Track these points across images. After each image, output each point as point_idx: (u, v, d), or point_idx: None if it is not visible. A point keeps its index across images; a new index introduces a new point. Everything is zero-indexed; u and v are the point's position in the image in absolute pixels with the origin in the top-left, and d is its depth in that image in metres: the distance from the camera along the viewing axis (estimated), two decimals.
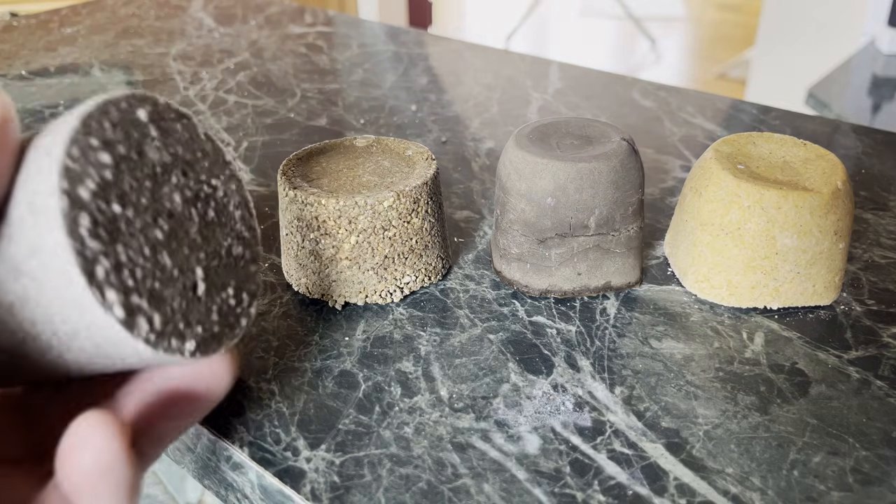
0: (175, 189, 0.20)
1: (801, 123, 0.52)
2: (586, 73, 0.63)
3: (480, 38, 2.90)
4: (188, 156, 0.20)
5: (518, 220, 0.32)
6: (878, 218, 0.39)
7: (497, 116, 0.54)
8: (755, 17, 1.98)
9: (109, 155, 0.18)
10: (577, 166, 0.30)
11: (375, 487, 0.24)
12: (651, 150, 0.48)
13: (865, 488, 0.23)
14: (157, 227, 0.19)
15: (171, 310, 0.18)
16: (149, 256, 0.18)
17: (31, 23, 0.78)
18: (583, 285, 0.32)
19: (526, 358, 0.29)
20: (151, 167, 0.19)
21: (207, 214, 0.21)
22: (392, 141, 0.36)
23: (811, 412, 0.26)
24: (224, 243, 0.21)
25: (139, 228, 0.18)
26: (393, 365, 0.29)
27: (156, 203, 0.19)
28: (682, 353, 0.29)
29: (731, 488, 0.23)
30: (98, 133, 0.18)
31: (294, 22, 0.80)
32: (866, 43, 1.24)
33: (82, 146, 0.17)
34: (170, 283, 0.18)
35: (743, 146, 0.34)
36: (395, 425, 0.26)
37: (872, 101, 1.05)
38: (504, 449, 0.25)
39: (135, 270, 0.18)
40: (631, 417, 0.26)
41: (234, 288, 0.21)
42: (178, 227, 0.19)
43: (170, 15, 0.82)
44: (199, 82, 0.61)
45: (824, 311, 0.32)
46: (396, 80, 0.62)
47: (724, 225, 0.31)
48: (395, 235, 0.31)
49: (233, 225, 0.22)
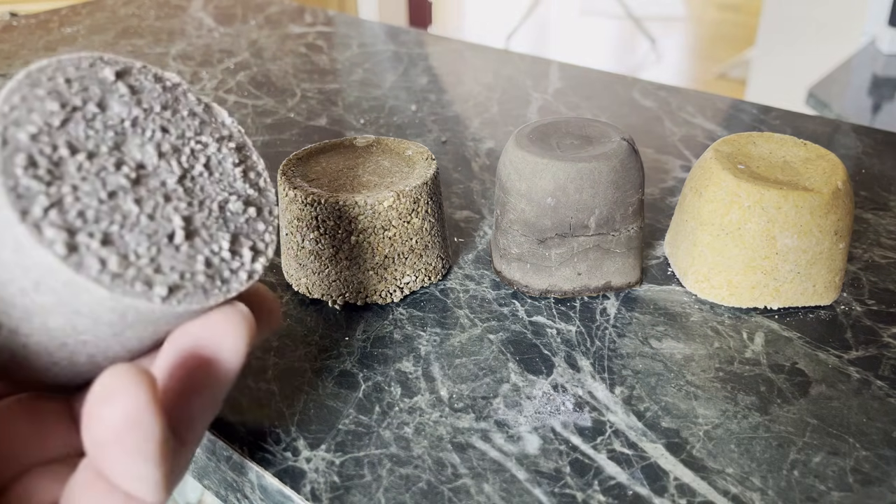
0: (148, 141, 0.19)
1: (802, 123, 0.52)
2: (586, 72, 0.63)
3: (480, 38, 2.90)
4: (168, 114, 0.20)
5: (518, 220, 0.32)
6: (879, 218, 0.39)
7: (497, 116, 0.54)
8: (755, 16, 1.98)
9: (58, 104, 0.18)
10: (578, 166, 0.30)
11: (375, 487, 0.24)
12: (651, 149, 0.48)
13: (866, 488, 0.23)
14: (118, 174, 0.18)
15: (135, 254, 0.18)
16: (105, 200, 0.18)
17: (30, 22, 0.78)
18: (583, 285, 0.32)
19: (526, 358, 0.29)
20: (118, 120, 0.19)
21: (193, 168, 0.20)
22: (392, 141, 0.36)
23: (811, 412, 0.26)
24: (217, 198, 0.20)
25: (94, 173, 0.18)
26: (393, 365, 0.29)
27: (119, 152, 0.19)
28: (683, 353, 0.29)
29: (731, 488, 0.23)
30: (45, 85, 0.18)
31: (294, 22, 0.80)
32: (866, 43, 1.24)
33: (24, 94, 0.17)
34: (133, 228, 0.18)
35: (743, 146, 0.34)
36: (395, 425, 0.26)
37: (873, 100, 1.05)
38: (504, 449, 0.25)
39: (85, 212, 0.17)
40: (631, 417, 0.26)
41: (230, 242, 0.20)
42: (151, 176, 0.19)
43: (170, 15, 0.82)
44: (199, 82, 0.61)
45: (824, 311, 0.32)
46: (396, 80, 0.62)
47: (724, 225, 0.31)
48: (395, 235, 0.31)
49: (230, 181, 0.21)
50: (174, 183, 0.19)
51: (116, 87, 0.19)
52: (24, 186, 0.16)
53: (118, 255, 0.17)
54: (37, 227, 0.16)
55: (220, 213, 0.20)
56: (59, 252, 0.16)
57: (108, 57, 0.20)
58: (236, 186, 0.21)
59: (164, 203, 0.19)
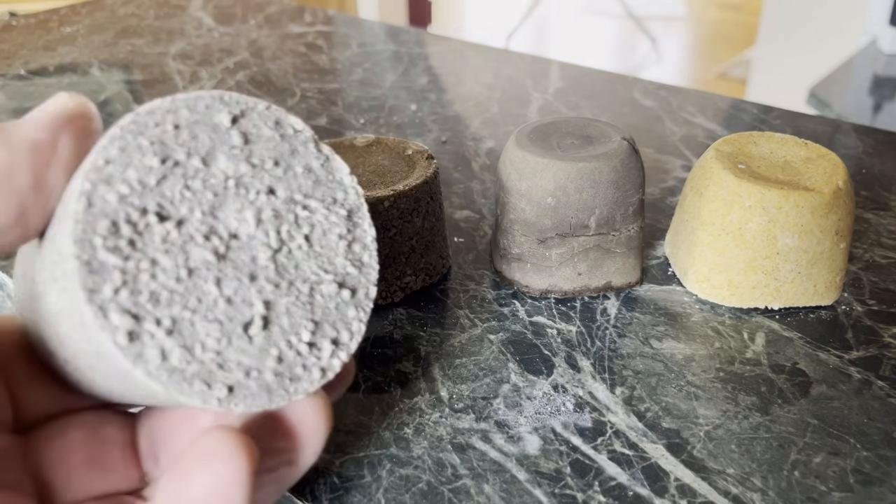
0: (248, 206, 0.17)
1: (802, 123, 0.52)
2: (587, 72, 0.63)
3: (480, 38, 2.90)
4: (280, 171, 0.18)
5: (518, 220, 0.31)
6: (879, 218, 0.39)
7: (497, 116, 0.54)
8: (756, 16, 1.98)
9: (158, 158, 0.16)
10: (578, 166, 0.30)
11: (375, 488, 0.24)
12: (652, 149, 0.48)
13: (866, 489, 0.23)
14: (206, 246, 0.16)
15: (202, 345, 0.16)
16: (183, 279, 0.16)
17: (30, 22, 0.78)
18: (583, 285, 0.32)
19: (526, 358, 0.29)
20: (221, 178, 0.17)
21: (292, 240, 0.18)
22: (392, 140, 0.36)
23: (812, 412, 0.26)
24: (310, 277, 0.18)
25: (179, 245, 0.16)
26: (393, 365, 0.29)
27: (213, 218, 0.16)
28: (683, 354, 0.29)
29: (731, 489, 0.23)
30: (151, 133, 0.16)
31: (294, 21, 0.80)
32: (867, 42, 1.24)
33: (125, 145, 0.16)
34: (207, 314, 0.16)
35: (744, 146, 0.34)
36: (394, 426, 0.26)
37: (873, 100, 1.05)
38: (504, 450, 0.25)
39: (158, 294, 0.15)
40: (631, 418, 0.26)
41: (312, 332, 0.17)
42: (242, 249, 0.17)
43: (169, 14, 0.82)
44: (199, 82, 0.61)
45: (825, 311, 0.32)
46: (396, 80, 0.62)
47: (724, 225, 0.31)
48: (395, 235, 0.31)
49: (330, 257, 0.18)
50: (266, 259, 0.17)
51: (229, 136, 0.17)
52: (100, 261, 0.15)
53: (182, 348, 0.15)
54: (102, 309, 0.15)
55: (308, 297, 0.18)
56: (121, 342, 0.15)
57: (230, 97, 0.17)
58: (335, 263, 0.18)
59: (248, 283, 0.17)
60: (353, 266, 0.19)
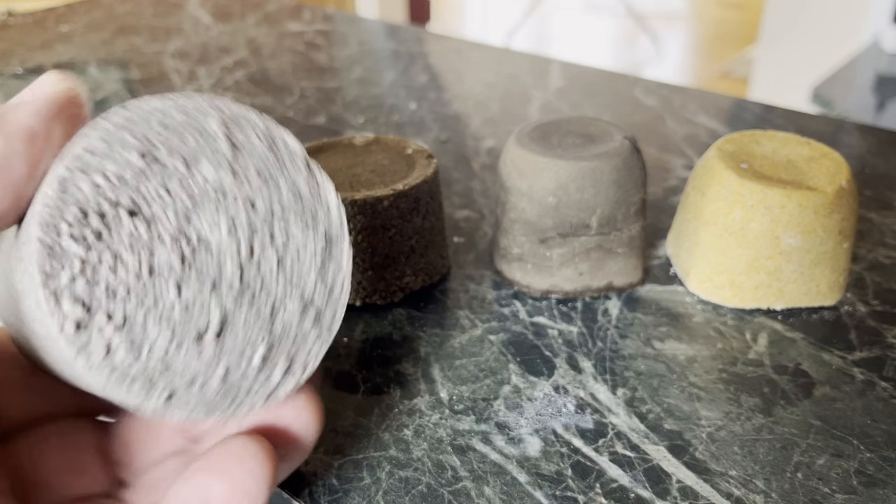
0: (224, 214, 0.17)
1: (805, 122, 0.51)
2: (588, 71, 0.62)
3: (481, 36, 2.89)
4: (261, 185, 0.17)
5: (519, 220, 0.31)
6: (883, 217, 0.39)
7: (498, 115, 0.54)
8: (758, 14, 1.97)
9: (138, 154, 0.16)
10: (579, 165, 0.30)
11: (374, 490, 0.23)
12: (653, 148, 0.48)
13: (870, 490, 0.23)
14: (172, 249, 0.16)
15: (150, 347, 0.15)
16: (143, 277, 0.16)
17: (27, 20, 0.78)
18: (584, 285, 0.32)
19: (527, 359, 0.29)
20: (201, 183, 0.16)
21: (263, 254, 0.17)
22: (391, 139, 0.36)
23: (815, 414, 0.26)
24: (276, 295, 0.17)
25: (145, 243, 0.16)
26: (392, 366, 0.29)
27: (186, 222, 0.16)
28: (685, 355, 0.29)
29: (734, 491, 0.23)
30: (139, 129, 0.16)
31: (292, 19, 0.79)
32: (870, 41, 1.24)
33: (110, 138, 0.16)
34: (162, 317, 0.16)
35: (746, 145, 0.34)
36: (394, 427, 0.26)
37: (877, 99, 1.04)
38: (505, 451, 0.25)
39: (115, 288, 0.15)
40: (633, 419, 0.26)
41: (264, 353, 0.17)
42: (209, 257, 0.16)
43: (167, 12, 0.82)
44: (197, 80, 0.61)
45: (828, 311, 0.31)
46: (396, 78, 0.62)
47: (727, 224, 0.31)
48: (394, 235, 0.31)
49: (297, 282, 0.18)
50: (232, 270, 0.17)
51: (216, 142, 0.17)
52: (62, 247, 0.15)
53: (129, 347, 0.15)
54: (55, 295, 0.15)
55: (269, 315, 0.17)
56: (68, 331, 0.15)
57: (224, 103, 0.17)
58: (305, 284, 0.18)
59: (209, 292, 0.16)
60: (322, 288, 0.18)
